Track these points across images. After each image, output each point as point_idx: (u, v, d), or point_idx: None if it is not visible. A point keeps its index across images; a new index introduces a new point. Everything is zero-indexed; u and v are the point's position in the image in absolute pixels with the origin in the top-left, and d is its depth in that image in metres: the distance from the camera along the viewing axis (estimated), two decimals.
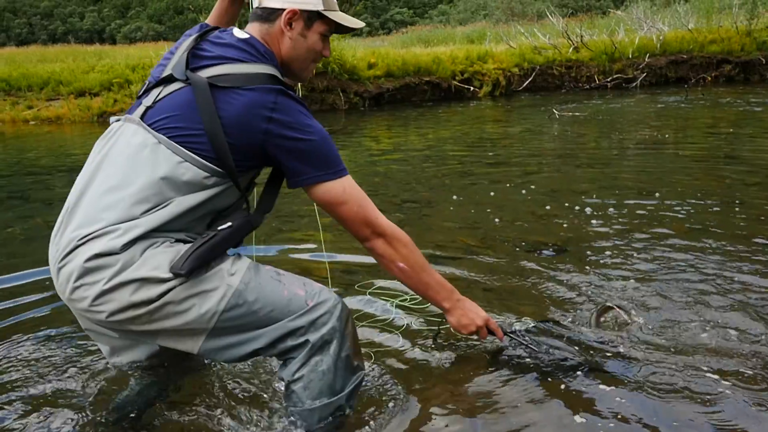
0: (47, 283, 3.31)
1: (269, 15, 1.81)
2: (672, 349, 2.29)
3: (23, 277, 3.39)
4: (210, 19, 2.16)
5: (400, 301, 2.81)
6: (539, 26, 19.40)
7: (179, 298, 1.61)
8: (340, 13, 1.85)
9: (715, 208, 4.17)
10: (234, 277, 1.67)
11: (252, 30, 1.83)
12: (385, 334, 2.53)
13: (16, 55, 24.73)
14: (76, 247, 1.60)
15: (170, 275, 1.59)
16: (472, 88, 13.38)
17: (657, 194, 4.57)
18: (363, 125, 10.19)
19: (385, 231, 1.83)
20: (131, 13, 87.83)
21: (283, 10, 1.79)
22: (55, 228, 1.70)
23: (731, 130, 7.76)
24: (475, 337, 2.13)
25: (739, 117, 8.89)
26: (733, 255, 3.26)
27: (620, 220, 3.99)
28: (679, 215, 4.04)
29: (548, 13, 19.05)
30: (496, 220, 4.12)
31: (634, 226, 3.83)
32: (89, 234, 1.60)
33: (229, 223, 1.70)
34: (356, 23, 1.88)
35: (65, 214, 1.69)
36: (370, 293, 2.91)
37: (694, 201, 4.35)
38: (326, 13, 1.81)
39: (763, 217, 3.93)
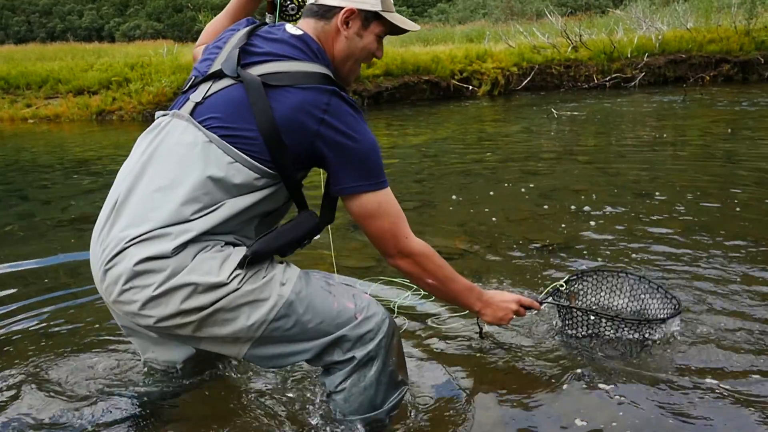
0: (46, 281, 3.32)
1: (326, 12, 1.75)
2: (669, 350, 2.30)
3: (22, 274, 3.39)
4: (223, 16, 2.11)
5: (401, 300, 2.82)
6: (538, 25, 19.39)
7: (231, 306, 1.58)
8: (397, 14, 1.81)
9: (713, 208, 4.18)
10: (285, 286, 1.64)
11: (306, 26, 1.77)
12: None
13: (14, 52, 24.68)
14: (126, 248, 1.55)
15: (221, 279, 1.55)
16: (471, 87, 13.39)
17: (656, 194, 4.58)
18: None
19: (413, 251, 1.79)
20: (130, 11, 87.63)
21: (341, 8, 1.73)
22: (100, 224, 1.65)
23: (729, 130, 7.77)
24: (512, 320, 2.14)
25: (738, 117, 8.90)
26: (732, 255, 3.26)
27: (618, 219, 3.99)
28: (678, 215, 4.05)
29: (547, 13, 19.07)
30: (495, 219, 4.13)
31: (632, 226, 3.84)
32: (139, 235, 1.55)
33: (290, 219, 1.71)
34: (413, 26, 1.84)
35: (111, 211, 1.62)
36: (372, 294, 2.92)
37: (692, 200, 4.37)
38: (384, 14, 1.76)
39: (761, 217, 3.94)
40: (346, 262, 3.37)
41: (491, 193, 4.89)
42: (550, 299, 2.31)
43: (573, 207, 4.30)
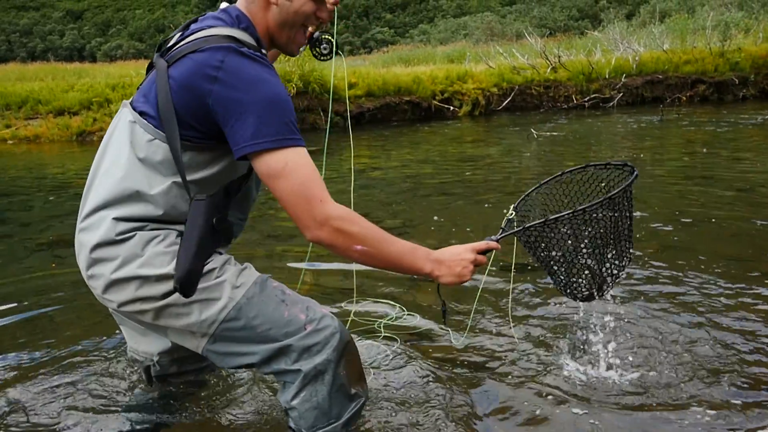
0: (25, 302, 3.29)
1: None
2: (640, 368, 2.33)
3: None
4: None
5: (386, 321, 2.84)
6: (518, 46, 19.65)
7: (182, 301, 1.64)
8: None
9: (691, 227, 4.25)
10: (238, 290, 1.69)
11: (238, 3, 1.78)
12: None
13: None
14: (81, 234, 1.69)
15: (170, 271, 1.62)
16: (452, 108, 13.51)
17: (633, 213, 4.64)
18: (343, 144, 10.22)
19: (329, 215, 1.59)
20: (112, 31, 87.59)
21: None
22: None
23: (705, 150, 7.92)
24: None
25: (713, 137, 9.06)
26: (711, 274, 3.32)
27: None
28: (655, 234, 4.11)
29: (527, 34, 19.34)
30: (477, 239, 4.15)
31: None
32: (86, 221, 1.68)
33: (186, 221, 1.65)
34: None
35: (82, 203, 1.73)
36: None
37: (670, 219, 4.43)
38: None
39: (737, 235, 4.01)
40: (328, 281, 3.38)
41: (473, 214, 4.93)
42: (504, 234, 1.96)
43: None
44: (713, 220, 4.40)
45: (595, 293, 2.00)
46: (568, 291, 2.03)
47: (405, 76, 13.69)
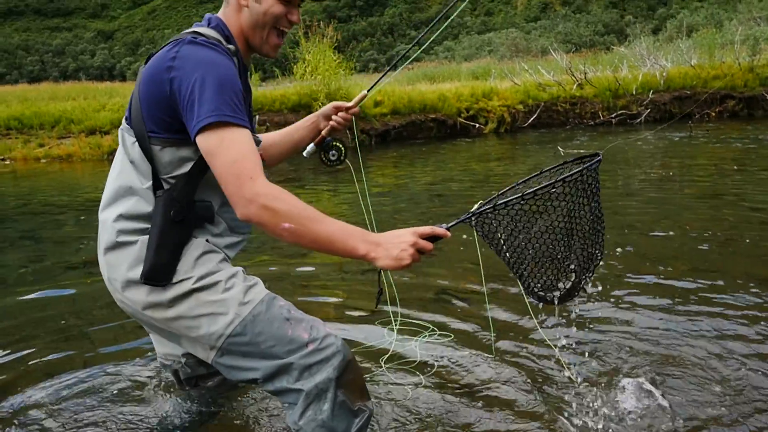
0: (63, 322, 3.35)
1: None
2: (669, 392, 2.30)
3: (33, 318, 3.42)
4: (280, 133, 2.28)
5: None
6: (543, 62, 19.64)
7: (191, 314, 1.73)
8: None
9: (721, 247, 4.19)
10: (245, 306, 1.74)
11: (220, 11, 1.89)
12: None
13: (28, 92, 25.11)
14: (98, 237, 1.83)
15: (176, 279, 1.73)
16: (477, 125, 13.52)
17: (663, 233, 4.60)
18: (369, 163, 10.28)
19: (258, 192, 1.58)
20: (141, 51, 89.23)
21: None
22: None
23: (735, 167, 7.81)
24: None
25: (744, 154, 8.94)
26: (740, 295, 3.26)
27: (626, 259, 4.01)
28: (685, 254, 4.06)
29: (552, 50, 19.31)
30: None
31: (639, 266, 3.85)
32: (99, 223, 1.81)
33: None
34: None
35: None
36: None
37: (699, 240, 4.37)
38: None
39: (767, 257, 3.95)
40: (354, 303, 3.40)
41: None
42: (455, 223, 1.78)
43: None
44: (747, 240, 4.34)
45: (562, 292, 1.85)
46: (533, 289, 1.87)
47: (430, 93, 13.74)
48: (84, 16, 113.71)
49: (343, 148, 2.21)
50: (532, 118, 14.10)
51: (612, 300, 3.32)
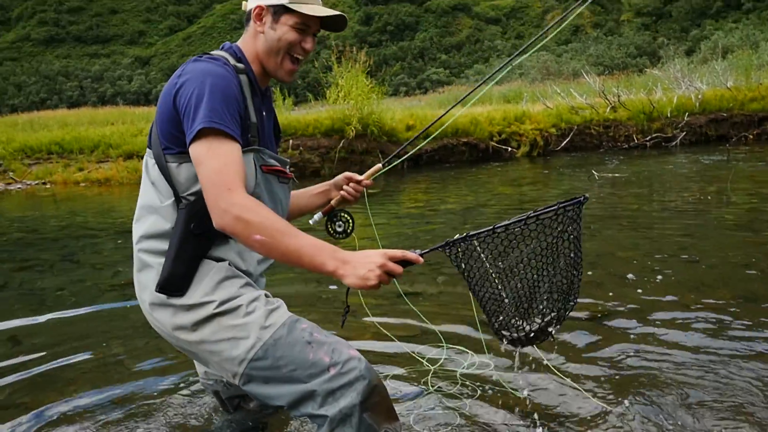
0: (103, 344, 3.39)
1: (247, 18, 1.91)
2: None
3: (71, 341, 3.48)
4: (298, 196, 2.26)
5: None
6: (575, 85, 19.55)
7: (213, 339, 1.75)
8: (309, 5, 1.85)
9: (763, 275, 4.09)
10: (266, 330, 1.74)
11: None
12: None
13: (67, 116, 25.79)
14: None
15: (193, 301, 1.74)
16: (509, 149, 13.48)
17: (703, 260, 4.50)
18: (402, 187, 10.31)
19: (233, 202, 1.62)
20: None
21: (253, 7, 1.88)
22: None
23: None
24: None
25: None
26: None
27: (666, 287, 3.93)
28: (727, 282, 3.96)
29: (584, 72, 19.23)
30: None
31: (681, 294, 3.77)
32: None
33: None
34: (324, 11, 1.86)
35: None
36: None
37: (741, 267, 4.28)
38: (292, 6, 1.83)
39: None
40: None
41: None
42: (428, 250, 1.76)
43: (619, 274, 4.25)
44: None
45: (529, 334, 1.77)
46: (500, 326, 1.79)
47: (462, 117, 13.74)
48: (122, 43, 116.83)
49: (350, 221, 2.18)
50: (564, 142, 14.02)
51: (655, 327, 3.26)
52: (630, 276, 4.18)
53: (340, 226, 2.15)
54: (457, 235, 1.75)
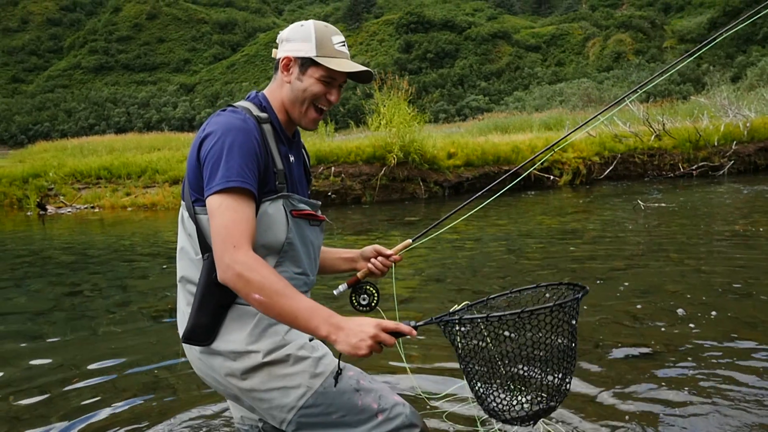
0: (156, 371, 3.44)
1: (275, 66, 1.95)
2: None
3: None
4: (324, 253, 2.20)
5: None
6: (618, 113, 19.32)
7: (263, 387, 1.76)
8: (337, 59, 1.87)
9: None
10: (316, 379, 1.77)
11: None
12: None
13: (115, 142, 26.61)
14: None
15: (242, 348, 1.75)
16: (552, 177, 13.36)
17: (757, 295, 4.37)
18: (442, 214, 10.26)
19: (236, 260, 1.65)
20: (220, 102, 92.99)
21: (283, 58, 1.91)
22: None
23: None
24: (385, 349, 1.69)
25: None
26: None
27: (720, 322, 3.82)
28: None
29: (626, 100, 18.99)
30: (589, 319, 4.02)
31: (737, 330, 3.66)
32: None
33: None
34: (352, 66, 1.88)
35: None
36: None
37: None
38: (318, 59, 1.85)
39: None
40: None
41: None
42: (422, 323, 1.74)
43: (669, 309, 4.14)
44: None
45: (520, 414, 1.73)
46: (488, 405, 1.75)
47: (504, 145, 13.71)
48: (168, 71, 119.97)
49: (375, 294, 2.11)
50: (608, 170, 13.84)
51: (709, 365, 3.16)
52: (680, 311, 4.07)
53: (364, 299, 2.08)
54: (456, 305, 1.77)
